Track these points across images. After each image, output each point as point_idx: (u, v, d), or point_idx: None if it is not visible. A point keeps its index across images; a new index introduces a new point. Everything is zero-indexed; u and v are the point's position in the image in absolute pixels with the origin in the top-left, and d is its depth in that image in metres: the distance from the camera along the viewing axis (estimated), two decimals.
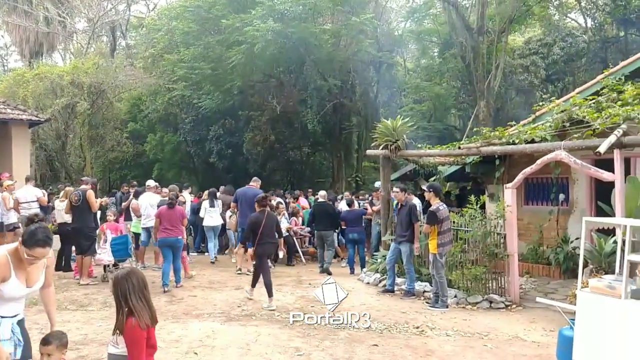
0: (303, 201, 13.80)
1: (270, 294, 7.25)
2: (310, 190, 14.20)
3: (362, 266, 9.96)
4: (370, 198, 11.98)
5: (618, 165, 6.31)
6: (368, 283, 9.00)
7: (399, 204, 8.41)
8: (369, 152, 10.85)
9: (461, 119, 24.63)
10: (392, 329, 6.23)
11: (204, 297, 7.92)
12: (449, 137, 17.94)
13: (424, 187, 8.54)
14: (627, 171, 7.42)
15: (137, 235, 10.78)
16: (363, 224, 10.59)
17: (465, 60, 19.51)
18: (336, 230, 10.93)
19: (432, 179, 11.59)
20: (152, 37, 21.49)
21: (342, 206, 11.15)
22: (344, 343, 5.67)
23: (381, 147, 9.61)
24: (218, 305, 7.38)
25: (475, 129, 12.98)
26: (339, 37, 17.61)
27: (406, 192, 8.58)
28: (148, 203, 10.23)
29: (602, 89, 8.08)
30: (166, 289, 8.16)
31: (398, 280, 8.51)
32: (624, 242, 4.31)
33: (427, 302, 7.57)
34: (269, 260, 7.97)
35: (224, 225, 11.63)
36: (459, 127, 23.27)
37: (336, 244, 10.97)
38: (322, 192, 11.37)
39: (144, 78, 20.11)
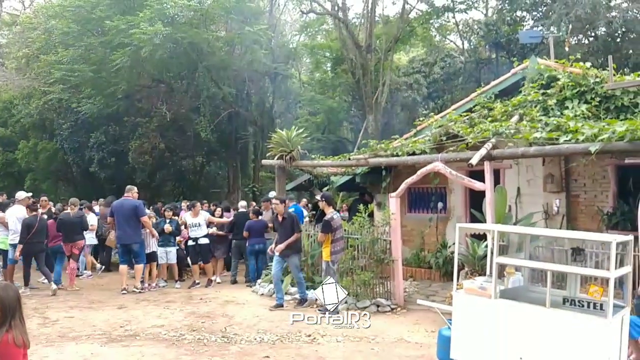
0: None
1: (49, 281, 9.02)
2: (205, 201, 13.79)
3: (259, 277, 9.82)
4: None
5: (488, 175, 6.94)
6: (262, 294, 8.92)
7: (278, 215, 8.21)
8: (264, 161, 10.83)
9: (353, 132, 25.64)
10: (284, 339, 6.21)
11: (82, 317, 7.30)
12: (341, 149, 18.56)
13: (317, 197, 8.71)
14: (496, 181, 8.21)
15: (4, 252, 9.68)
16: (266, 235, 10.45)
17: (355, 76, 20.36)
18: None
19: (325, 188, 11.89)
20: (27, 36, 19.77)
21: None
22: (235, 358, 5.54)
23: (276, 157, 9.66)
24: (98, 325, 6.84)
25: (364, 142, 13.55)
26: (233, 45, 17.50)
27: (286, 203, 8.43)
28: (16, 217, 9.23)
29: (475, 106, 8.90)
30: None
31: (292, 289, 8.56)
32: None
33: (319, 310, 7.67)
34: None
35: (103, 240, 10.86)
36: (351, 140, 24.19)
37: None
38: (243, 203, 11.29)
39: (16, 80, 18.41)
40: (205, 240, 9.88)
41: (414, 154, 8.27)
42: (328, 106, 23.04)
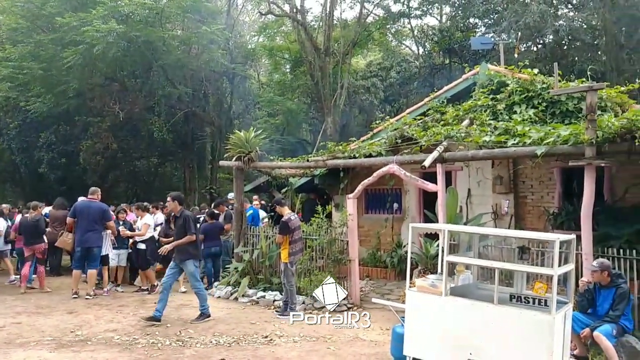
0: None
1: None
2: (161, 203, 13.50)
3: (216, 279, 9.71)
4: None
5: (440, 177, 7.16)
6: (219, 297, 8.85)
7: (174, 215, 7.38)
8: (222, 163, 10.74)
9: (312, 134, 25.74)
10: (241, 341, 6.19)
11: (30, 323, 7.03)
12: (301, 150, 18.60)
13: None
14: (448, 183, 8.47)
15: None
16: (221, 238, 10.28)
17: (314, 78, 20.48)
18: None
19: (284, 190, 11.90)
20: None
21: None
22: None
23: (234, 159, 9.60)
24: (47, 331, 6.60)
25: (322, 143, 13.65)
26: (190, 44, 17.26)
27: (180, 201, 7.38)
28: None
29: (428, 110, 9.17)
30: None
31: (250, 291, 8.54)
32: None
33: (276, 311, 7.70)
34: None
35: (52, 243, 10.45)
36: (310, 141, 24.27)
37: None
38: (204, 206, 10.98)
39: None
40: (142, 246, 9.39)
41: (370, 156, 8.42)
42: (287, 108, 23.04)
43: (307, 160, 9.40)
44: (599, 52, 17.66)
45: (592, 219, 5.86)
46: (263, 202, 13.85)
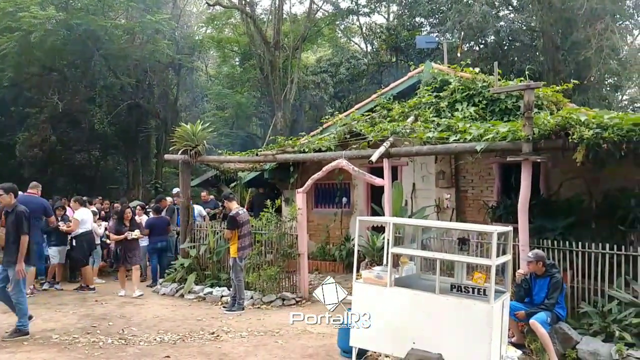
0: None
1: None
2: (100, 197, 13.00)
3: (161, 276, 9.47)
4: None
5: (387, 172, 7.32)
6: (164, 294, 8.67)
7: (6, 210, 6.15)
8: (167, 156, 10.48)
9: (262, 128, 25.54)
10: (186, 338, 6.10)
11: None
12: (251, 145, 18.41)
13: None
14: (394, 177, 8.66)
15: None
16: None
17: (263, 72, 20.33)
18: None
19: (233, 184, 11.76)
20: None
21: None
22: (133, 359, 5.35)
23: (180, 152, 9.38)
24: None
25: (272, 138, 13.60)
26: (134, 34, 16.71)
27: (15, 193, 6.22)
28: None
29: (375, 106, 9.33)
30: None
31: (196, 287, 8.41)
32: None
33: (224, 307, 7.63)
34: None
35: None
36: (260, 136, 24.08)
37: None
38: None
39: None
40: (73, 242, 9.11)
41: (320, 150, 8.49)
42: (236, 101, 22.75)
43: (257, 155, 9.36)
44: (537, 53, 18.53)
45: (528, 212, 6.12)
46: (212, 196, 13.64)
